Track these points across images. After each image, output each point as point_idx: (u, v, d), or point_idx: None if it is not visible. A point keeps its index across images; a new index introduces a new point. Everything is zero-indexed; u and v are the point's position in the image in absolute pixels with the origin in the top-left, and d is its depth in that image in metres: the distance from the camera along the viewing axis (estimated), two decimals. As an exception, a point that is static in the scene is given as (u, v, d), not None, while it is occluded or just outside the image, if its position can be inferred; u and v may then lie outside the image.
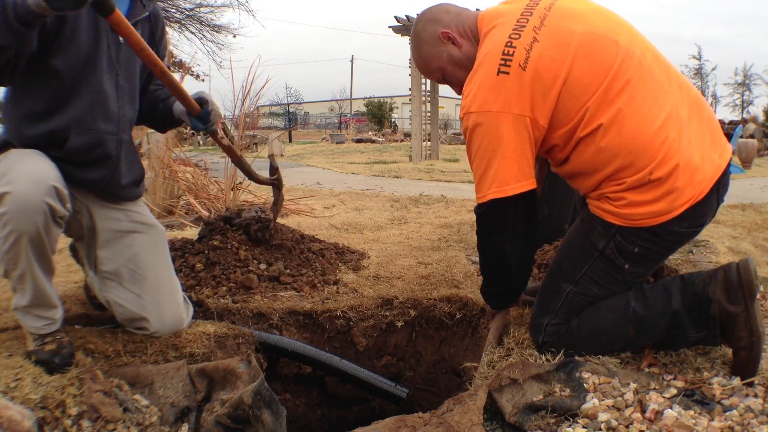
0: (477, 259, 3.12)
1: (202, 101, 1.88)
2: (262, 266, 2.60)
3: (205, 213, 4.23)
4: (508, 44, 1.58)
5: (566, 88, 1.56)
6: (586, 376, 1.56)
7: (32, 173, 1.53)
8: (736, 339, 1.52)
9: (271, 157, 2.53)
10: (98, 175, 1.79)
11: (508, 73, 1.55)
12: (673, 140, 1.54)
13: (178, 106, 1.94)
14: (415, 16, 12.34)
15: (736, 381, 1.51)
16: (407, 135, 24.43)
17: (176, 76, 2.24)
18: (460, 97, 1.74)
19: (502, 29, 1.63)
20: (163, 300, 1.88)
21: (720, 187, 1.60)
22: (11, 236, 1.49)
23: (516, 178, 1.59)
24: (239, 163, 2.25)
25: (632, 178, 1.56)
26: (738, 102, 40.94)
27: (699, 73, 40.22)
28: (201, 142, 20.35)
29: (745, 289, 1.51)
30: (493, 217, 1.65)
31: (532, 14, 1.63)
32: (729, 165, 1.64)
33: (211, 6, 16.51)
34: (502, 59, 1.57)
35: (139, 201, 1.99)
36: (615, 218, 1.60)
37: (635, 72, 1.58)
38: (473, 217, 1.78)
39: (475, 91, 1.59)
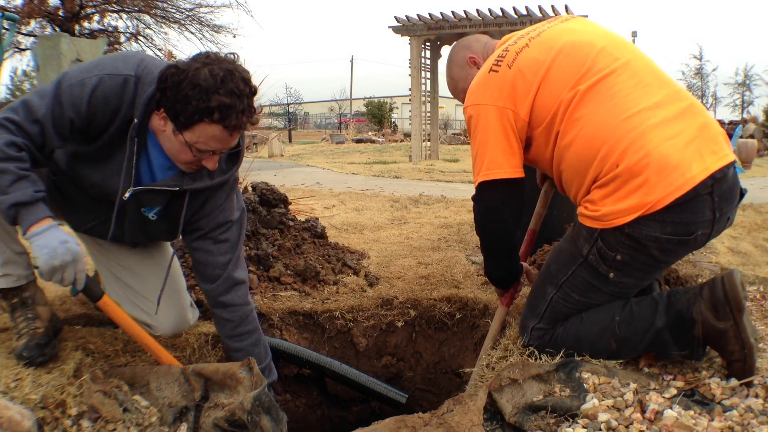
0: (477, 259, 3.12)
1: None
2: (262, 266, 2.60)
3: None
4: (505, 49, 1.75)
5: (544, 84, 1.66)
6: (586, 376, 1.56)
7: None
8: (729, 353, 1.51)
9: None
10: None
11: (497, 71, 1.71)
12: (643, 132, 1.51)
13: None
14: (415, 17, 12.40)
15: (735, 381, 1.51)
16: (407, 135, 24.42)
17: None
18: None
19: (505, 42, 1.82)
20: (167, 303, 1.85)
21: (717, 195, 1.50)
22: None
23: (500, 165, 1.70)
24: None
25: (603, 174, 1.54)
26: (738, 102, 40.93)
27: (699, 73, 40.20)
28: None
29: (732, 305, 1.48)
30: (481, 199, 1.76)
31: (536, 30, 1.79)
32: (729, 170, 1.52)
33: (211, 6, 16.54)
34: (495, 61, 1.74)
35: None
36: (594, 222, 1.58)
37: (611, 72, 1.62)
38: (473, 217, 1.81)
39: (471, 88, 1.77)
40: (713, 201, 1.50)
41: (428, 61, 13.16)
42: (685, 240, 1.52)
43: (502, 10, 12.04)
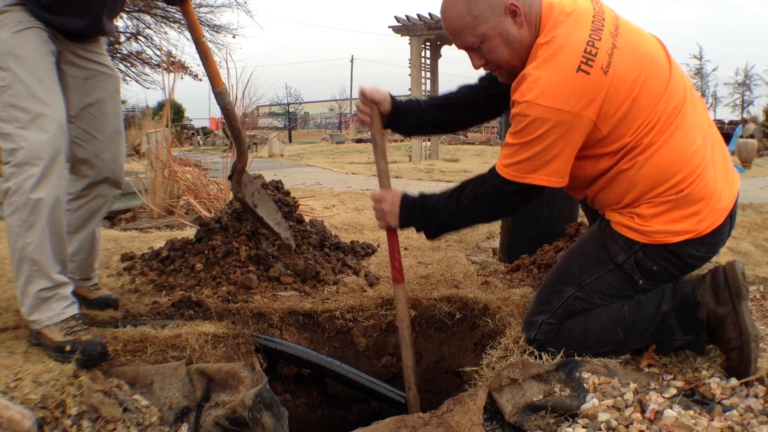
0: (477, 259, 3.12)
1: None
2: (262, 266, 2.60)
3: (205, 213, 4.23)
4: (590, 43, 1.50)
5: (635, 104, 1.54)
6: (586, 376, 1.56)
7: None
8: (726, 340, 1.54)
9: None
10: (84, 23, 1.86)
11: (588, 73, 1.48)
12: (704, 166, 1.61)
13: None
14: (415, 16, 12.38)
15: (735, 380, 1.51)
16: (407, 135, 24.36)
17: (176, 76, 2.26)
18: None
19: (578, 27, 1.54)
20: (117, 144, 2.05)
21: (732, 217, 1.68)
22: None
23: (564, 175, 1.60)
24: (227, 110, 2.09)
25: (663, 194, 1.60)
26: (738, 102, 40.92)
27: (699, 73, 40.18)
28: (201, 143, 20.30)
29: (732, 290, 1.54)
30: (516, 196, 1.66)
31: (605, 20, 1.57)
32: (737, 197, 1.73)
33: (211, 6, 16.53)
34: (584, 57, 1.49)
35: (103, 47, 2.07)
36: (639, 236, 1.63)
37: (682, 98, 1.63)
38: (485, 193, 1.69)
39: (547, 83, 1.49)
40: (731, 222, 1.69)
41: (428, 61, 13.16)
42: (711, 256, 1.70)
43: (502, 10, 12.02)
